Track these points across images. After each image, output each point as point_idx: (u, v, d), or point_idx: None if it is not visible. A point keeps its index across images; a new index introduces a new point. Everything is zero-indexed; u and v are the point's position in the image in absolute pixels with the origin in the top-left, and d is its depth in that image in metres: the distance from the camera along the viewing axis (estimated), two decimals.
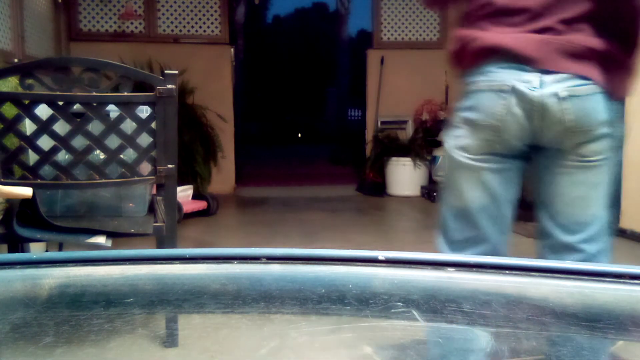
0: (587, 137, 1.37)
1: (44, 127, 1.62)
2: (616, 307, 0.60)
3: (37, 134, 1.62)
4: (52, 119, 1.62)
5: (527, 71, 1.34)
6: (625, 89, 1.40)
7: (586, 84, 1.35)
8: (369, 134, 6.57)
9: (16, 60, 4.16)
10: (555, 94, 1.33)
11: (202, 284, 0.66)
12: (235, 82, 6.51)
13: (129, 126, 1.69)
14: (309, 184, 6.87)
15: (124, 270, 0.67)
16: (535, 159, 1.47)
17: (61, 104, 1.63)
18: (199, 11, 5.98)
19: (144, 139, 1.70)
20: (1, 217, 1.70)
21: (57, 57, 4.48)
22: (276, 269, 0.66)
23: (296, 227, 4.58)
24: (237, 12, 7.38)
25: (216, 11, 6.02)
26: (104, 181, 1.68)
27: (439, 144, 5.15)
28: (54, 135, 1.63)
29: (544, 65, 1.34)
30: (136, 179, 1.71)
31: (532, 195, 1.51)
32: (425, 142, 6.01)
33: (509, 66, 1.35)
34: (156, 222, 1.77)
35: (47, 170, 1.65)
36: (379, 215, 5.35)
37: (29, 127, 1.66)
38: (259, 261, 0.65)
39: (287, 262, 0.66)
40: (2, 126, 1.61)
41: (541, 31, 1.35)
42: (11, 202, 1.69)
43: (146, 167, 1.72)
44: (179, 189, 4.39)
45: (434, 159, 5.87)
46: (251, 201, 5.84)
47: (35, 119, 1.62)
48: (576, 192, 1.43)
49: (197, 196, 4.98)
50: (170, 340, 0.52)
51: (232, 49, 6.22)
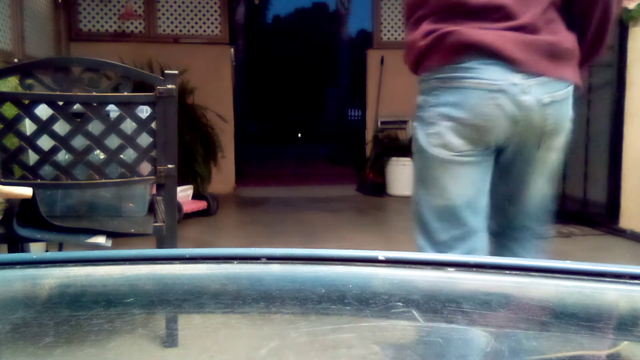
0: (559, 136, 1.42)
1: (44, 127, 1.62)
2: (616, 307, 0.60)
3: (37, 134, 1.62)
4: (52, 119, 1.62)
5: (512, 72, 1.32)
6: (581, 80, 1.44)
7: (564, 88, 1.38)
8: (369, 134, 6.58)
9: (16, 60, 4.15)
10: (539, 100, 1.35)
11: (202, 284, 0.66)
12: (235, 82, 6.51)
13: (129, 126, 1.69)
14: (309, 184, 6.87)
15: (124, 270, 0.66)
16: (501, 156, 1.45)
17: (61, 104, 1.63)
18: (199, 11, 5.98)
19: (144, 139, 1.70)
20: (1, 217, 1.70)
21: (57, 57, 4.49)
22: (276, 269, 0.66)
23: (296, 227, 4.58)
24: (237, 12, 7.37)
25: (216, 11, 6.02)
26: (104, 181, 1.68)
27: None
28: (54, 135, 1.63)
29: (528, 67, 1.32)
30: (136, 179, 1.71)
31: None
32: None
33: (492, 63, 1.32)
34: (156, 222, 1.77)
35: (47, 170, 1.65)
36: (379, 215, 5.34)
37: (29, 127, 1.65)
38: (259, 261, 0.65)
39: (287, 262, 0.66)
40: (2, 126, 1.61)
41: (518, 29, 1.32)
42: (11, 202, 1.69)
43: (146, 167, 1.72)
44: (179, 189, 4.40)
45: None
46: (251, 201, 5.84)
47: (35, 119, 1.62)
48: (546, 185, 1.49)
49: (197, 196, 4.98)
50: (170, 340, 0.52)
51: (232, 49, 6.22)
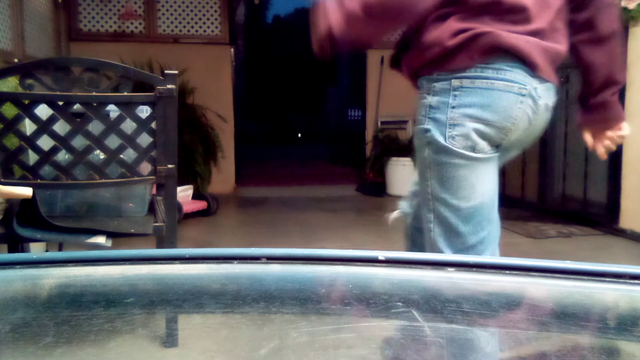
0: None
1: (44, 127, 1.62)
2: (616, 307, 0.60)
3: (37, 134, 1.62)
4: (52, 119, 1.62)
5: (532, 76, 1.33)
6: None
7: (555, 94, 1.42)
8: (369, 134, 6.58)
9: (16, 60, 4.15)
10: (546, 105, 1.39)
11: (202, 284, 0.66)
12: (235, 82, 6.51)
13: (129, 126, 1.69)
14: (309, 184, 6.87)
15: (124, 270, 0.66)
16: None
17: (61, 104, 1.63)
18: (199, 11, 5.98)
19: (144, 139, 1.70)
20: (1, 217, 1.70)
21: (57, 57, 4.49)
22: (276, 269, 0.66)
23: (296, 227, 4.58)
24: (237, 12, 7.36)
25: (216, 11, 6.01)
26: (104, 181, 1.68)
27: None
28: (54, 135, 1.63)
29: (542, 73, 1.34)
30: (136, 179, 1.71)
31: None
32: None
33: (518, 67, 1.32)
34: (156, 222, 1.77)
35: (47, 170, 1.65)
36: (379, 215, 5.33)
37: (29, 127, 1.65)
38: (259, 261, 0.65)
39: (287, 262, 0.66)
40: (2, 126, 1.61)
41: (534, 33, 1.34)
42: (11, 202, 1.70)
43: (146, 167, 1.72)
44: (179, 189, 4.40)
45: None
46: (251, 201, 5.84)
47: (35, 119, 1.62)
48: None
49: (197, 196, 4.97)
50: (170, 340, 0.52)
51: (232, 49, 6.22)
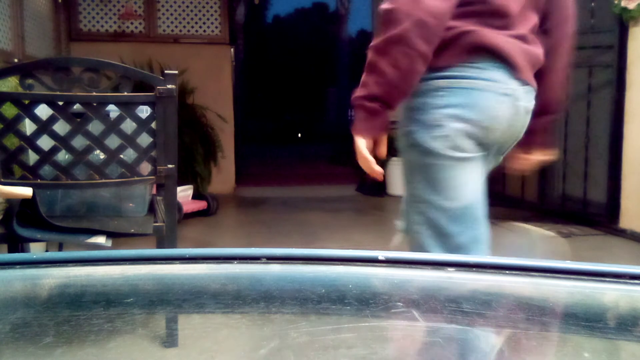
0: (515, 143, 1.48)
1: (44, 127, 1.62)
2: (616, 307, 0.60)
3: (37, 134, 1.62)
4: (52, 119, 1.62)
5: (513, 78, 1.34)
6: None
7: (534, 98, 1.44)
8: None
9: (16, 60, 4.15)
10: (525, 108, 1.40)
11: (202, 284, 0.66)
12: (235, 82, 6.51)
13: (129, 126, 1.69)
14: (309, 184, 6.87)
15: (124, 270, 0.66)
16: None
17: (61, 104, 1.63)
18: (199, 11, 5.98)
19: (144, 139, 1.70)
20: (1, 217, 1.70)
21: (57, 57, 4.48)
22: (276, 269, 0.66)
23: (296, 227, 4.58)
24: (237, 12, 7.36)
25: (216, 11, 6.01)
26: (104, 181, 1.68)
27: None
28: (54, 135, 1.63)
29: (522, 75, 1.35)
30: (136, 179, 1.71)
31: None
32: None
33: (500, 67, 1.33)
34: (156, 222, 1.78)
35: (47, 170, 1.65)
36: (379, 215, 5.34)
37: (29, 127, 1.65)
38: (259, 261, 0.65)
39: (287, 262, 0.66)
40: (2, 126, 1.61)
41: (518, 38, 1.35)
42: (11, 202, 1.70)
43: (146, 167, 1.72)
44: (179, 189, 4.40)
45: None
46: (251, 201, 5.84)
47: (35, 119, 1.62)
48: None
49: (197, 196, 4.97)
50: (170, 340, 0.52)
51: (232, 49, 6.21)
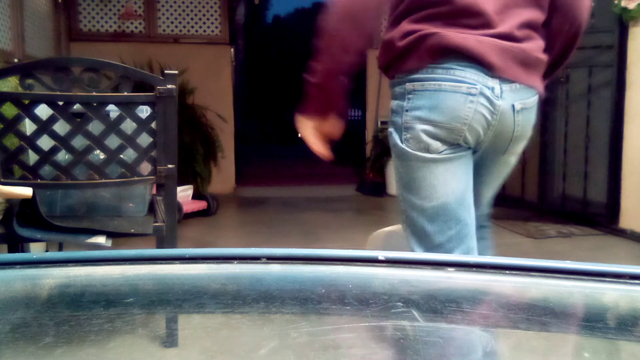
0: (522, 141, 1.47)
1: (44, 127, 1.62)
2: (616, 307, 0.60)
3: (37, 134, 1.62)
4: (52, 119, 1.62)
5: (489, 76, 1.33)
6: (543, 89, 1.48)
7: (532, 96, 1.41)
8: (369, 134, 6.57)
9: (16, 60, 4.15)
10: (512, 106, 1.37)
11: (202, 284, 0.66)
12: (235, 82, 6.51)
13: (129, 126, 1.69)
14: (309, 184, 6.86)
15: (124, 270, 0.66)
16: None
17: (61, 104, 1.63)
18: (199, 11, 5.97)
19: (144, 139, 1.70)
20: (1, 217, 1.70)
21: (57, 57, 4.49)
22: (276, 269, 0.66)
23: (296, 227, 4.58)
24: (237, 12, 7.37)
25: (216, 11, 6.01)
26: (104, 181, 1.68)
27: None
28: (54, 135, 1.63)
29: (503, 73, 1.34)
30: (136, 179, 1.71)
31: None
32: None
33: (470, 67, 1.32)
34: (156, 222, 1.77)
35: (47, 170, 1.65)
36: (379, 215, 5.34)
37: (29, 127, 1.65)
38: (259, 261, 0.65)
39: (287, 262, 0.66)
40: (2, 126, 1.61)
41: (496, 36, 1.33)
42: (11, 202, 1.70)
43: (146, 167, 1.72)
44: (179, 189, 4.40)
45: None
46: (251, 201, 5.84)
47: (35, 119, 1.62)
48: (497, 183, 1.56)
49: (197, 196, 4.97)
50: (170, 340, 0.52)
51: (232, 49, 6.21)
